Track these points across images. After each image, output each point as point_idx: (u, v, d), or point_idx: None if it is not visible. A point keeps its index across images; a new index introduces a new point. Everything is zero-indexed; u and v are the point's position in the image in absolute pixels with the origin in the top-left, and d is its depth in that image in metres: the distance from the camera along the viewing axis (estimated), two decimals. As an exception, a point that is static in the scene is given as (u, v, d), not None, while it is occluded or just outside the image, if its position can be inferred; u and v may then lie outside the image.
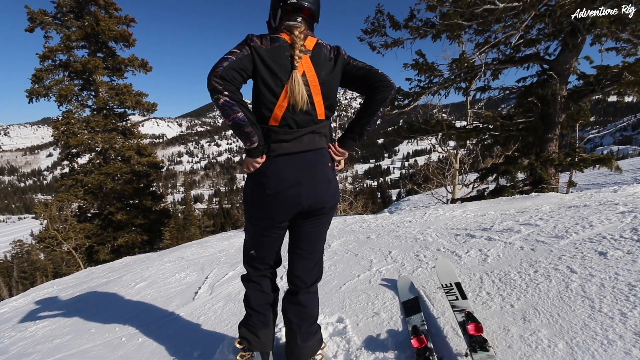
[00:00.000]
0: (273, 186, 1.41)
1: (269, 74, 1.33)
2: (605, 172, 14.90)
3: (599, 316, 1.62)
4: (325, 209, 1.51)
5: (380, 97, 1.44)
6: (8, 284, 30.22)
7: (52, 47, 13.29)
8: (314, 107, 1.42)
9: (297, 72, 1.34)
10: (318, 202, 1.47)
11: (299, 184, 1.41)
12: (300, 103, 1.34)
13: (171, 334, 2.45)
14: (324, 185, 1.47)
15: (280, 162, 1.41)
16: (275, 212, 1.46)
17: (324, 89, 1.42)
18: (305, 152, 1.42)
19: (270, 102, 1.36)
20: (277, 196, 1.41)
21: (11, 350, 2.82)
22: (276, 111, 1.37)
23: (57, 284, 5.81)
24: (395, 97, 7.78)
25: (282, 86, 1.34)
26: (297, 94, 1.32)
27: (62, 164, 14.19)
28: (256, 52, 1.30)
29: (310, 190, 1.43)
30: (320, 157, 1.47)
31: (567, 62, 6.31)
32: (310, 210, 1.48)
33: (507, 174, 6.77)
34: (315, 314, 1.69)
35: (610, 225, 2.70)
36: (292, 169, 1.41)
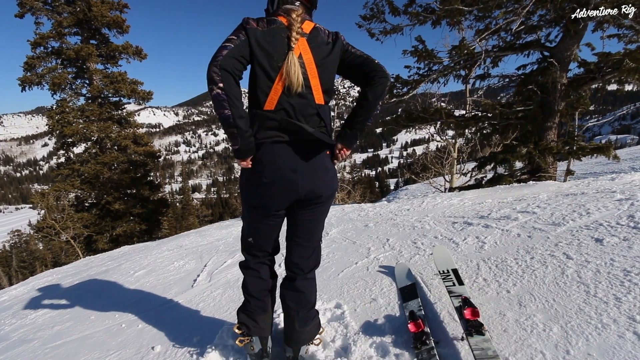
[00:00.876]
0: (269, 174, 1.39)
1: (265, 55, 1.30)
2: (603, 161, 14.95)
3: (594, 301, 1.65)
4: (322, 197, 1.50)
5: (377, 89, 1.41)
6: (8, 274, 30.37)
7: (43, 33, 12.97)
8: (310, 91, 1.39)
9: (293, 53, 1.31)
10: (315, 190, 1.45)
11: (295, 172, 1.39)
12: (295, 85, 1.32)
13: (170, 320, 2.47)
14: (322, 173, 1.46)
15: (276, 149, 1.38)
16: (272, 201, 1.45)
17: (321, 72, 1.40)
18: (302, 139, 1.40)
19: (266, 85, 1.33)
20: (273, 184, 1.40)
21: (12, 337, 2.84)
22: (272, 95, 1.34)
23: (56, 272, 5.83)
24: (394, 85, 7.70)
25: (278, 69, 1.32)
26: (293, 75, 1.30)
27: (57, 153, 14.07)
28: (252, 34, 1.28)
29: (308, 178, 1.42)
30: (318, 144, 1.45)
31: (568, 49, 6.24)
32: (307, 198, 1.46)
33: (505, 162, 6.77)
34: (313, 299, 1.70)
35: (607, 212, 2.71)
36: (288, 156, 1.39)
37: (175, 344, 2.07)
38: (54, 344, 2.46)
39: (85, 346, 2.30)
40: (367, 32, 7.57)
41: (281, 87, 1.33)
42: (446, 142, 11.83)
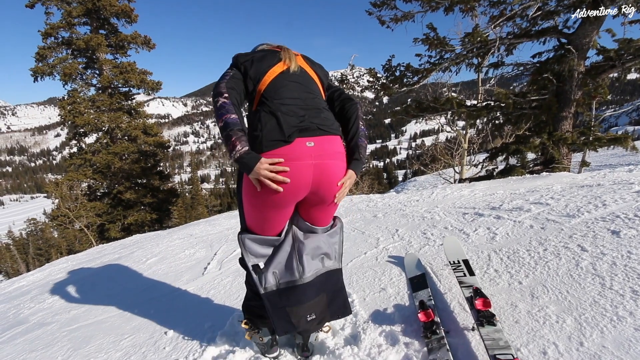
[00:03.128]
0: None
1: (258, 64, 1.39)
2: (619, 152, 14.54)
3: (610, 293, 1.61)
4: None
5: (349, 110, 1.49)
6: (25, 260, 31.45)
7: (53, 23, 13.07)
8: (315, 83, 1.47)
9: (288, 51, 1.47)
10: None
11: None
12: (293, 65, 1.41)
13: (182, 307, 2.52)
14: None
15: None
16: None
17: (320, 78, 1.52)
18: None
19: (260, 74, 1.38)
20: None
21: (31, 320, 2.94)
22: (266, 78, 1.39)
23: (71, 259, 6.00)
24: (404, 74, 7.56)
25: (271, 66, 1.40)
26: (290, 59, 1.42)
27: (70, 143, 14.33)
28: (244, 63, 1.39)
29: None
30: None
31: (587, 35, 6.00)
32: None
33: (518, 153, 6.63)
34: None
35: (624, 204, 2.64)
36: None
37: (187, 330, 2.11)
38: (70, 327, 2.54)
39: (101, 330, 2.37)
40: (377, 19, 7.41)
41: (279, 70, 1.44)
42: (456, 133, 11.64)
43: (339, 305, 1.60)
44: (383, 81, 8.00)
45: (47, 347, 2.27)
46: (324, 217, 1.51)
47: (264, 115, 1.30)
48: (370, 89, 8.61)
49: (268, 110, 1.31)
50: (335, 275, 1.59)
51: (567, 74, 6.15)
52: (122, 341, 2.12)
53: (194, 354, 1.81)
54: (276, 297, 1.48)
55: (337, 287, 1.60)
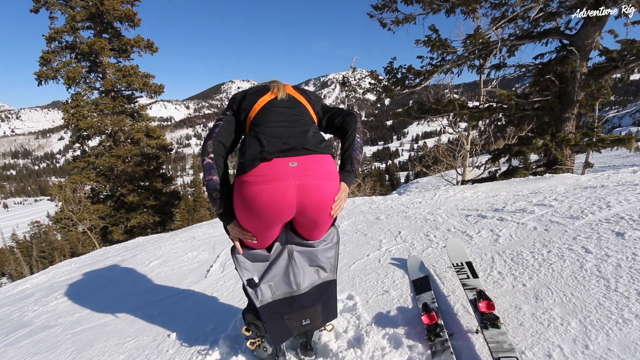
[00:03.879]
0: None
1: (249, 97, 1.46)
2: (623, 153, 14.46)
3: (615, 296, 1.60)
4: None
5: (351, 126, 1.49)
6: (29, 263, 31.57)
7: (57, 28, 13.19)
8: (304, 107, 1.48)
9: (277, 82, 1.51)
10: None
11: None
12: (281, 93, 1.45)
13: (185, 309, 2.52)
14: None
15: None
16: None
17: (311, 103, 1.53)
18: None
19: (250, 104, 1.44)
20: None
21: (35, 322, 2.96)
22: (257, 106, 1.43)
23: (74, 262, 6.03)
24: (406, 76, 7.56)
25: (260, 97, 1.45)
26: (278, 89, 1.46)
27: (73, 146, 14.41)
28: (238, 99, 1.47)
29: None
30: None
31: (589, 36, 5.99)
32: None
33: (521, 155, 6.60)
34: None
35: (629, 205, 2.62)
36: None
37: (190, 332, 2.12)
38: (74, 330, 2.55)
39: (104, 332, 2.37)
40: (378, 22, 7.42)
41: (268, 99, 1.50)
42: (459, 135, 11.61)
43: (330, 311, 1.64)
44: (385, 83, 8.00)
45: (51, 350, 2.27)
46: (317, 233, 1.50)
47: (249, 139, 1.33)
48: (372, 91, 8.62)
49: (254, 134, 1.34)
50: (330, 286, 1.61)
51: (569, 75, 6.13)
52: (126, 344, 2.13)
53: (197, 356, 1.81)
54: (273, 308, 1.51)
55: (331, 297, 1.63)
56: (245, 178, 1.25)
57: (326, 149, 1.36)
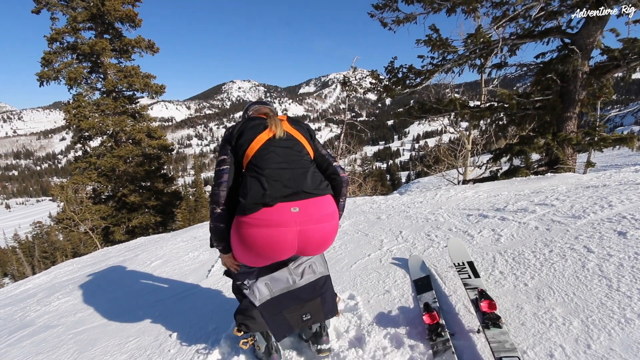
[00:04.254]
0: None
1: (247, 133, 1.45)
2: (625, 152, 14.41)
3: (617, 295, 1.60)
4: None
5: (335, 192, 1.53)
6: (31, 263, 31.67)
7: (59, 29, 13.22)
8: (302, 145, 1.49)
9: (274, 118, 1.49)
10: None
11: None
12: (279, 131, 1.45)
13: (187, 309, 2.53)
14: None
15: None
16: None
17: (307, 138, 1.55)
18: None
19: (248, 141, 1.44)
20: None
21: (37, 322, 2.97)
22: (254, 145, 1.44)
23: (76, 262, 6.04)
24: (407, 76, 7.55)
25: (258, 134, 1.45)
26: (276, 126, 1.46)
27: (75, 147, 14.43)
28: (235, 135, 1.47)
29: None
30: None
31: (590, 35, 5.96)
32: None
33: (522, 154, 6.58)
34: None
35: (631, 205, 2.61)
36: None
37: (191, 332, 2.12)
38: (76, 330, 2.56)
39: (106, 332, 2.38)
40: (379, 21, 7.40)
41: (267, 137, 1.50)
42: (460, 134, 11.59)
43: (330, 306, 1.67)
44: (386, 83, 7.99)
45: (54, 350, 2.28)
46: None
47: (250, 180, 1.35)
48: (373, 91, 8.61)
49: (254, 175, 1.36)
50: (327, 281, 1.67)
51: (571, 74, 6.11)
52: (127, 344, 2.13)
53: (198, 356, 1.82)
54: (272, 305, 1.55)
55: (328, 290, 1.66)
56: (247, 220, 1.31)
57: (326, 190, 1.43)
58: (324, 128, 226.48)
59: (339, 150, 12.64)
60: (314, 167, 1.48)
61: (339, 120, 14.62)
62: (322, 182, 1.43)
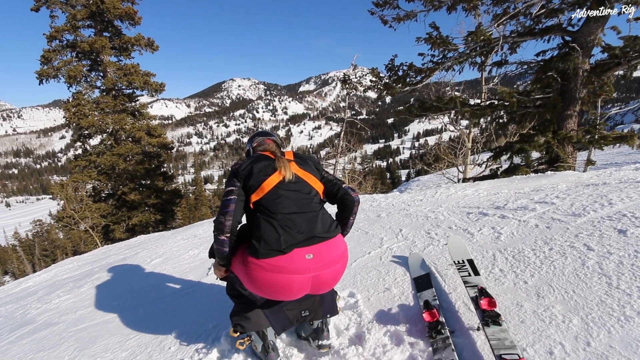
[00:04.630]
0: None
1: (256, 174, 1.48)
2: (625, 151, 14.42)
3: (617, 293, 1.60)
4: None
5: (347, 210, 1.60)
6: (31, 261, 31.74)
7: (58, 27, 13.18)
8: (311, 186, 1.52)
9: (282, 159, 1.52)
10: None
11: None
12: (288, 174, 1.48)
13: (187, 307, 2.53)
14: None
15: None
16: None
17: (315, 175, 1.58)
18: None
19: (258, 183, 1.47)
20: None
21: (38, 320, 2.97)
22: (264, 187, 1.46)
23: (76, 260, 6.05)
24: (407, 74, 7.53)
25: (268, 176, 1.48)
26: (285, 169, 1.48)
27: (74, 145, 14.43)
28: (243, 174, 1.49)
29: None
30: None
31: (591, 33, 5.94)
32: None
33: (522, 152, 6.57)
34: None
35: (631, 203, 2.61)
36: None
37: (192, 330, 2.13)
38: (77, 327, 2.56)
39: (107, 330, 2.38)
40: (380, 19, 7.38)
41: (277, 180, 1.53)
42: (460, 132, 11.59)
43: (329, 305, 1.71)
44: (386, 81, 7.97)
45: (54, 347, 2.29)
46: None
47: (264, 224, 1.39)
48: (373, 89, 8.59)
49: (267, 219, 1.40)
50: None
51: (571, 72, 6.10)
52: (128, 341, 2.14)
53: (199, 353, 1.82)
54: (273, 302, 1.60)
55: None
56: (260, 263, 1.35)
57: (335, 231, 1.49)
58: (324, 126, 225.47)
59: (339, 148, 12.63)
60: (323, 209, 1.52)
61: (339, 118, 14.59)
62: (332, 224, 1.49)
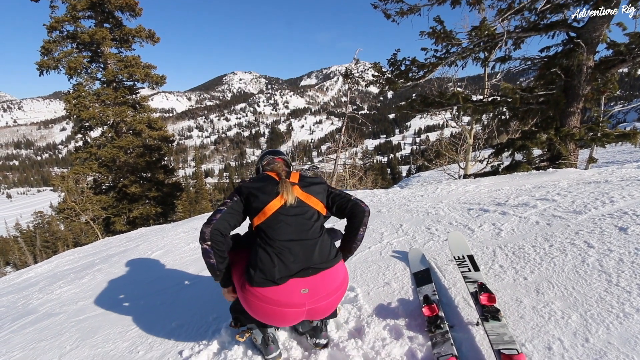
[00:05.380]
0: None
1: (259, 196, 1.46)
2: (627, 149, 14.35)
3: (616, 290, 1.60)
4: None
5: (357, 220, 1.57)
6: (32, 252, 31.91)
7: (58, 17, 13.07)
8: (313, 210, 1.50)
9: (286, 183, 1.49)
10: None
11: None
12: (290, 198, 1.45)
13: (188, 299, 2.55)
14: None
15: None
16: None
17: (319, 198, 1.55)
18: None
19: (260, 206, 1.45)
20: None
21: (40, 310, 3.00)
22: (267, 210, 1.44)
23: (77, 252, 6.08)
24: (410, 69, 7.47)
25: (270, 200, 1.45)
26: (287, 193, 1.45)
27: (75, 137, 14.41)
28: (247, 195, 1.48)
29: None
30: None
31: (597, 29, 5.87)
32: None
33: (524, 149, 6.55)
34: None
35: (632, 201, 2.61)
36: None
37: (192, 321, 2.14)
38: (78, 317, 2.58)
39: (108, 320, 2.40)
40: (383, 13, 7.30)
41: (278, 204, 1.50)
42: (462, 128, 11.54)
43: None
44: (388, 76, 7.91)
45: (56, 337, 2.31)
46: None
47: (260, 252, 1.38)
48: (375, 84, 8.53)
49: (264, 246, 1.39)
50: None
51: (575, 68, 6.04)
52: (129, 332, 2.16)
53: (199, 345, 1.84)
54: None
55: None
56: (255, 292, 1.36)
57: (334, 260, 1.45)
58: (325, 121, 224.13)
59: (340, 143, 12.59)
60: (324, 236, 1.48)
61: (340, 113, 14.54)
62: (330, 253, 1.46)
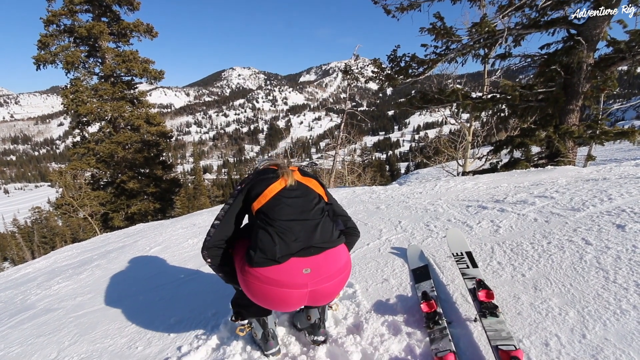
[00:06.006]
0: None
1: (259, 183, 1.45)
2: (626, 147, 14.41)
3: (613, 287, 1.61)
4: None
5: (351, 242, 1.66)
6: (30, 248, 31.89)
7: (55, 11, 12.95)
8: (314, 192, 1.49)
9: (285, 167, 1.50)
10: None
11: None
12: (290, 180, 1.44)
13: (186, 295, 2.55)
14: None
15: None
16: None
17: (320, 183, 1.56)
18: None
19: (260, 190, 1.43)
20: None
21: (38, 305, 3.00)
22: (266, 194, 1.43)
23: (75, 247, 6.08)
24: (410, 65, 7.44)
25: (270, 184, 1.44)
26: (287, 175, 1.45)
27: (73, 132, 14.34)
28: (248, 185, 1.48)
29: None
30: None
31: (597, 26, 5.86)
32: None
33: (523, 146, 6.55)
34: None
35: (630, 198, 2.62)
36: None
37: (191, 317, 2.14)
38: (76, 313, 2.58)
39: (106, 316, 2.40)
40: (382, 8, 7.25)
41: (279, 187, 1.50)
42: (461, 125, 11.53)
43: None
44: (388, 72, 7.88)
45: (54, 332, 2.31)
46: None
47: (260, 232, 1.34)
48: (375, 80, 8.51)
49: (264, 226, 1.35)
50: None
51: (575, 66, 6.03)
52: (127, 327, 2.16)
53: (198, 340, 1.84)
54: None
55: None
56: (255, 273, 1.31)
57: (337, 241, 1.42)
58: (324, 117, 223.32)
59: (339, 139, 12.58)
60: (326, 218, 1.44)
61: (339, 109, 14.52)
62: (333, 234, 1.41)
